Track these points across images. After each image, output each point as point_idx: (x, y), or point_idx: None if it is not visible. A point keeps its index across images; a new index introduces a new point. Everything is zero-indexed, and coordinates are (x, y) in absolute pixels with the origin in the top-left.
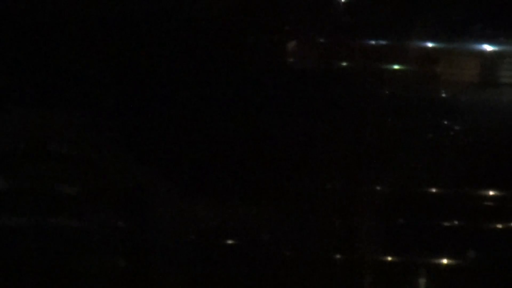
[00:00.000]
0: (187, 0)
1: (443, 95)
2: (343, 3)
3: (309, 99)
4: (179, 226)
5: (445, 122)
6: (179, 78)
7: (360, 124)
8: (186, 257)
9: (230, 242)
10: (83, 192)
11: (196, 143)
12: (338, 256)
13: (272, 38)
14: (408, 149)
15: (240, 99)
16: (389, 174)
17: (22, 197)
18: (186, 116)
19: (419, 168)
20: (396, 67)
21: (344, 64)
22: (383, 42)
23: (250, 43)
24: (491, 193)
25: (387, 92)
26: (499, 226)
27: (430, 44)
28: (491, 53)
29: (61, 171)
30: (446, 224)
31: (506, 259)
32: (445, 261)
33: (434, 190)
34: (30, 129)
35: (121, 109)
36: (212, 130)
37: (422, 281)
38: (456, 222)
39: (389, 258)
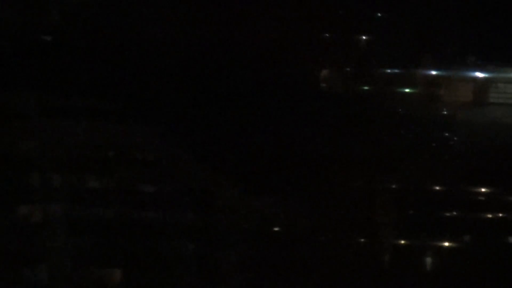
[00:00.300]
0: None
1: (444, 112)
2: (364, 39)
3: (339, 116)
4: (238, 216)
5: (446, 134)
6: (240, 100)
7: (380, 136)
8: (244, 241)
9: (277, 229)
10: (160, 190)
11: (251, 152)
12: (362, 239)
13: (309, 68)
14: (416, 155)
15: (285, 116)
16: (401, 175)
17: (111, 194)
18: (244, 130)
19: (425, 169)
20: (407, 90)
21: (366, 88)
22: (396, 71)
23: (294, 73)
24: (482, 189)
25: (400, 110)
26: (489, 216)
27: (433, 72)
28: (482, 79)
29: (142, 173)
30: (447, 214)
31: (494, 242)
32: (446, 243)
33: (437, 187)
34: (117, 140)
35: (192, 123)
36: (264, 143)
37: (428, 259)
38: (455, 213)
39: (402, 241)
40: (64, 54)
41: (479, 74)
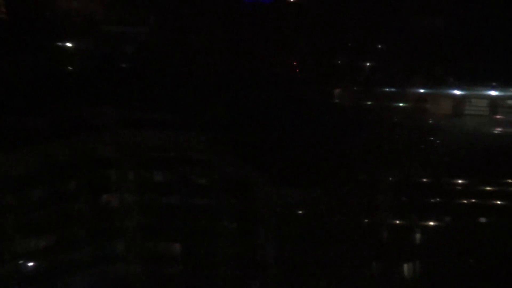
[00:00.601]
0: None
1: (430, 121)
2: (368, 66)
3: (349, 124)
4: (273, 201)
5: (431, 138)
6: (277, 111)
7: (380, 140)
8: (279, 221)
9: (302, 211)
10: (208, 181)
11: (287, 151)
12: (366, 220)
13: (325, 88)
14: (408, 154)
15: (310, 123)
16: (396, 170)
17: (171, 185)
18: (280, 133)
19: (415, 165)
20: (401, 104)
21: (369, 102)
22: (392, 89)
23: (317, 90)
24: (459, 181)
25: (395, 119)
26: (463, 199)
27: (421, 90)
28: (459, 95)
29: (195, 169)
30: (432, 200)
31: (468, 222)
32: (431, 223)
33: (424, 179)
34: (176, 143)
35: (236, 131)
36: (296, 148)
37: (418, 235)
38: (438, 199)
39: (397, 221)
40: (137, 79)
41: (457, 92)
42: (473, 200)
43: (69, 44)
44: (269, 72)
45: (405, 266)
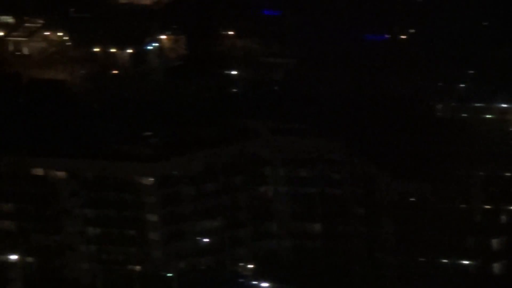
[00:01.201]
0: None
1: (511, 129)
2: (462, 87)
3: (448, 131)
4: (391, 191)
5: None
6: (396, 124)
7: (472, 143)
8: (396, 206)
9: (414, 199)
10: (340, 176)
11: (402, 152)
12: (463, 206)
13: (429, 104)
14: (495, 153)
15: (419, 131)
16: (485, 166)
17: (312, 179)
18: (396, 139)
19: (499, 163)
20: (488, 116)
21: (464, 115)
22: (481, 104)
23: (424, 106)
24: None
25: (484, 127)
26: None
27: (505, 105)
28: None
29: (331, 166)
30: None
31: None
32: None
33: (507, 173)
34: (312, 146)
35: (363, 135)
36: (409, 150)
37: (503, 217)
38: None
39: (486, 206)
40: (284, 98)
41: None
42: None
43: (234, 72)
44: (386, 92)
45: (493, 241)
